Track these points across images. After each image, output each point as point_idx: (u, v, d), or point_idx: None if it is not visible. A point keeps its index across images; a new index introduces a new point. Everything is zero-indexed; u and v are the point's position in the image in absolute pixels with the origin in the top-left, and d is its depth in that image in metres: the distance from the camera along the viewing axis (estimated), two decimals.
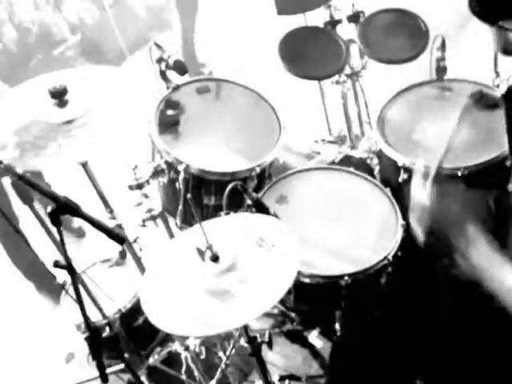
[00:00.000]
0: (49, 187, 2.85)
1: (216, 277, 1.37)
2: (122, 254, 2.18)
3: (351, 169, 2.03)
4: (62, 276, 1.63)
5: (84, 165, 1.57)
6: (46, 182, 2.93)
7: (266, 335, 1.93)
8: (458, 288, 1.20)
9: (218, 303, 1.31)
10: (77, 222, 3.01)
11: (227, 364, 2.16)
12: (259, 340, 1.63)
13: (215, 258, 1.40)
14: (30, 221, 1.51)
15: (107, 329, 1.93)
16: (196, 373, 2.05)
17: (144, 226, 2.03)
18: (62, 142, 1.37)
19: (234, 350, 2.18)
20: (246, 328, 1.54)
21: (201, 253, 1.41)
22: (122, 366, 1.94)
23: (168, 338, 2.14)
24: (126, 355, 1.92)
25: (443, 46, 2.17)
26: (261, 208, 1.62)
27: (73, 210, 1.23)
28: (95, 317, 1.85)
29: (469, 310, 1.24)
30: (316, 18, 2.61)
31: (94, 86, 1.56)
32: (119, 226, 1.72)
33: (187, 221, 2.03)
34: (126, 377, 2.09)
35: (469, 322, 1.25)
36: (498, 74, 2.48)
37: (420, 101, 2.19)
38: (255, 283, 1.34)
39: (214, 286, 1.35)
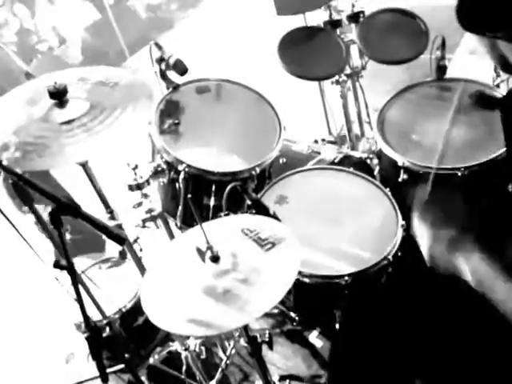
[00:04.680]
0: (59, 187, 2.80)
1: (216, 277, 1.37)
2: (122, 254, 2.18)
3: (351, 169, 2.03)
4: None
5: (84, 165, 1.57)
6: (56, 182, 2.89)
7: (266, 335, 1.93)
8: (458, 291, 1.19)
9: (219, 303, 1.31)
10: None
11: (227, 364, 2.16)
12: (259, 340, 1.63)
13: (215, 259, 1.40)
14: (29, 221, 1.51)
15: (107, 329, 1.94)
16: (196, 373, 2.05)
17: (144, 226, 2.03)
18: (63, 142, 1.37)
19: (234, 350, 2.18)
20: (246, 328, 1.54)
21: (201, 253, 1.41)
22: (122, 366, 1.94)
23: (168, 338, 2.15)
24: (126, 355, 1.93)
25: (443, 46, 2.17)
26: (260, 208, 1.61)
27: (73, 210, 1.23)
28: (95, 317, 1.85)
29: (469, 311, 1.24)
30: (316, 18, 2.61)
31: (93, 86, 1.56)
32: (119, 226, 1.72)
33: (187, 221, 2.03)
34: (126, 377, 2.09)
35: (469, 323, 1.25)
36: (498, 74, 2.49)
37: (420, 101, 2.19)
38: (256, 283, 1.34)
39: (215, 287, 1.35)
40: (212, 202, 1.95)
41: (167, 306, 1.35)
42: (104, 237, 1.26)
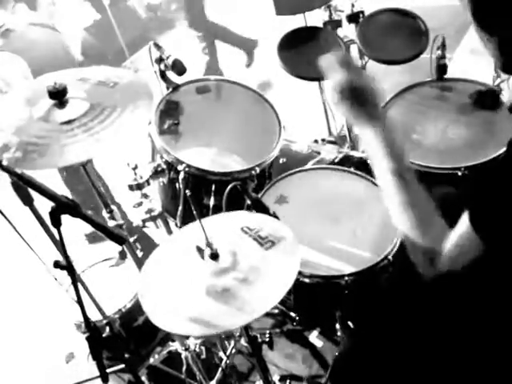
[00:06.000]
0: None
1: (216, 276, 1.37)
2: (122, 254, 2.18)
3: (351, 169, 2.03)
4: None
5: (84, 165, 1.56)
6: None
7: (267, 335, 1.93)
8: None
9: (218, 302, 1.31)
10: None
11: (227, 364, 2.16)
12: (259, 340, 1.63)
13: (215, 256, 1.39)
14: (30, 221, 1.51)
15: (107, 329, 1.94)
16: (196, 373, 2.05)
17: (144, 226, 2.03)
18: (64, 142, 1.37)
19: (234, 350, 2.18)
20: (246, 328, 1.54)
21: (200, 251, 1.41)
22: (122, 365, 1.94)
23: (168, 338, 2.14)
24: (126, 355, 1.92)
25: (443, 46, 2.17)
26: (260, 208, 1.61)
27: (73, 209, 1.23)
28: (95, 317, 1.85)
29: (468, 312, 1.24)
30: (316, 18, 2.62)
31: (93, 86, 1.56)
32: (119, 226, 1.72)
33: (187, 221, 2.03)
34: (126, 377, 2.09)
35: (470, 324, 1.25)
36: (498, 74, 2.49)
37: (420, 101, 2.19)
38: (256, 283, 1.34)
39: (214, 286, 1.35)
40: (212, 202, 1.95)
41: (166, 305, 1.35)
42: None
